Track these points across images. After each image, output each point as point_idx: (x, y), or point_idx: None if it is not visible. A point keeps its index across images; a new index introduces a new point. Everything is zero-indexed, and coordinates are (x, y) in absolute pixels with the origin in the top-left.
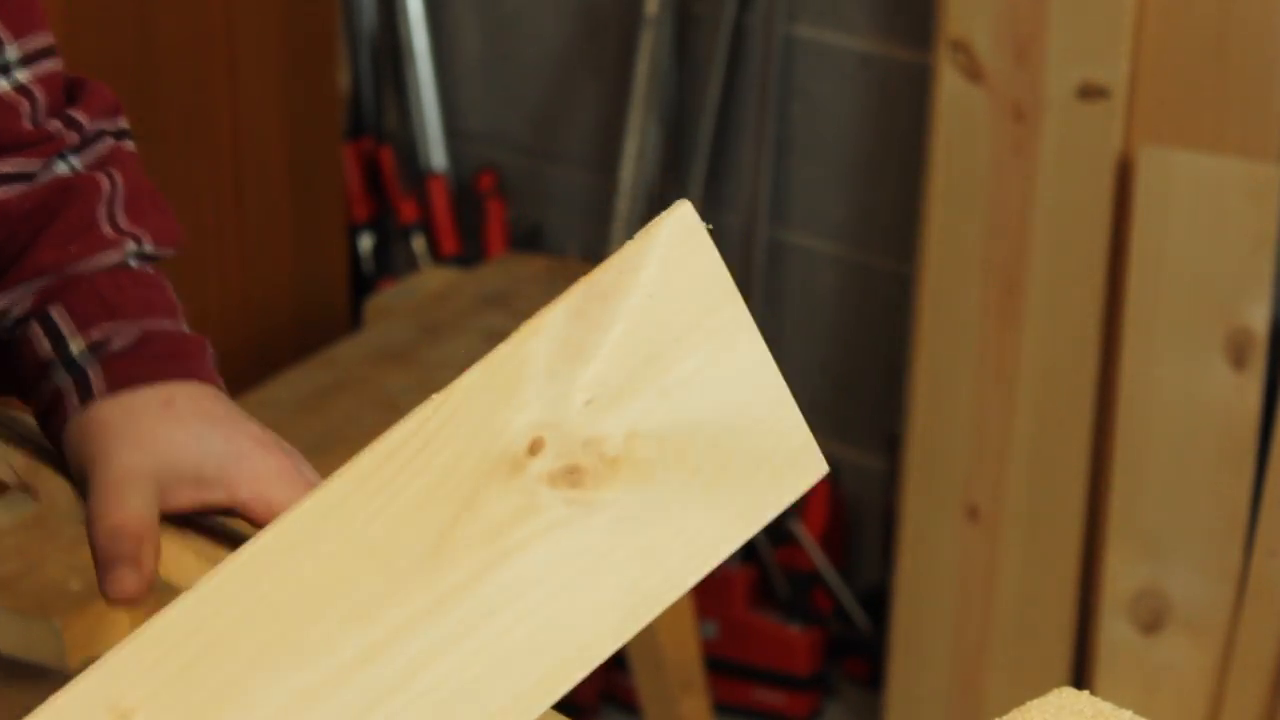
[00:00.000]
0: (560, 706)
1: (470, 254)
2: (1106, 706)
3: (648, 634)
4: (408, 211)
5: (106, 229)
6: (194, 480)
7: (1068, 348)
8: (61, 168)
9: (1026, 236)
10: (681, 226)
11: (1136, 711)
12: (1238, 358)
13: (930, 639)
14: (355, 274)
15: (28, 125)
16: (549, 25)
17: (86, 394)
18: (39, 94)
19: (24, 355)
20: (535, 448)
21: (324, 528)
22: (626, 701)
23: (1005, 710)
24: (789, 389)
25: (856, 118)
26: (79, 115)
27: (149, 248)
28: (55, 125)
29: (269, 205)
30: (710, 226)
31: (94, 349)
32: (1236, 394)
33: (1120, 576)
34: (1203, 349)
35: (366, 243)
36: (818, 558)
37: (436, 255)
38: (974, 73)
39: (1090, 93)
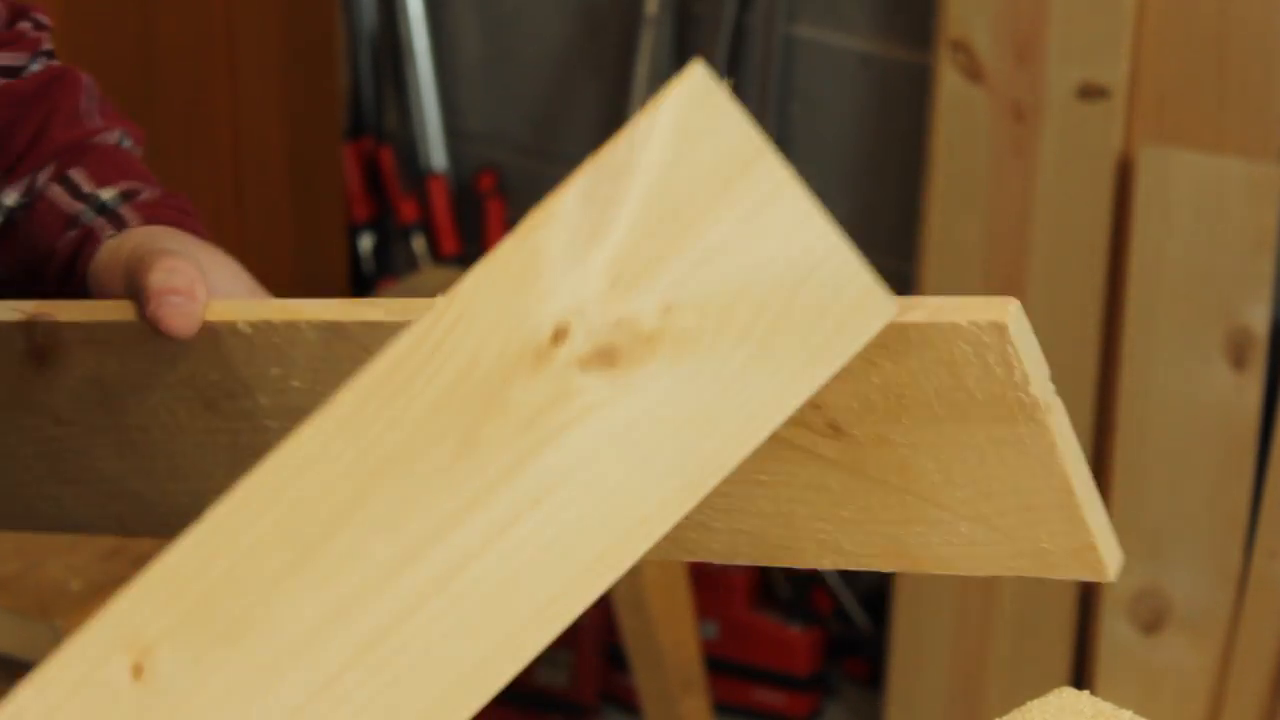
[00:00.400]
0: (559, 705)
1: (470, 254)
2: (1106, 706)
3: (648, 634)
4: (408, 211)
5: (98, 119)
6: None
7: (1068, 348)
8: (47, 61)
9: (1026, 236)
10: (694, 90)
11: (1136, 711)
12: (1238, 358)
13: (930, 639)
14: (355, 274)
15: (1, 30)
16: (549, 25)
17: (121, 226)
18: None
19: (44, 216)
20: (560, 335)
21: (335, 443)
22: (626, 701)
23: (1005, 710)
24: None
25: (856, 118)
26: (41, 19)
27: (129, 143)
28: (25, 26)
29: (269, 205)
30: (731, 82)
31: (124, 195)
32: (1236, 394)
33: (1120, 576)
34: (1203, 349)
35: (366, 243)
36: None
37: (436, 255)
38: (974, 73)
39: (1090, 93)
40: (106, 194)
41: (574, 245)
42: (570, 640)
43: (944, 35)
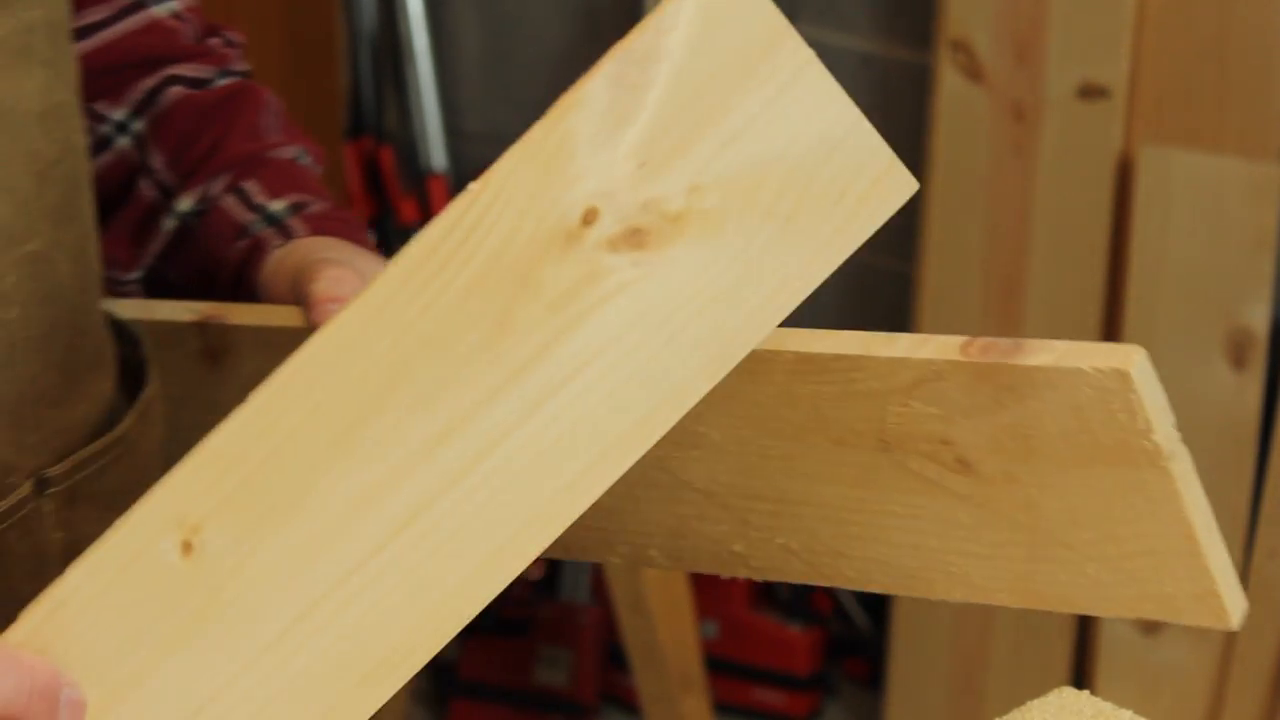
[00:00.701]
0: (559, 705)
1: None
2: (1106, 706)
3: (648, 634)
4: (408, 211)
5: (278, 135)
6: None
7: None
8: (234, 77)
9: (1026, 236)
10: None
11: (1136, 711)
12: (1238, 358)
13: (930, 639)
14: None
15: (191, 43)
16: (549, 25)
17: (288, 236)
18: (192, 19)
19: (217, 225)
20: (589, 218)
21: (373, 327)
22: (626, 701)
23: (1005, 710)
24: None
25: None
26: (233, 37)
27: (308, 159)
28: (216, 42)
29: None
30: None
31: (293, 208)
32: (1236, 394)
33: None
34: (1203, 349)
35: None
36: None
37: None
38: (974, 73)
39: (1090, 93)
40: (276, 206)
41: (602, 130)
42: (570, 640)
43: (944, 35)
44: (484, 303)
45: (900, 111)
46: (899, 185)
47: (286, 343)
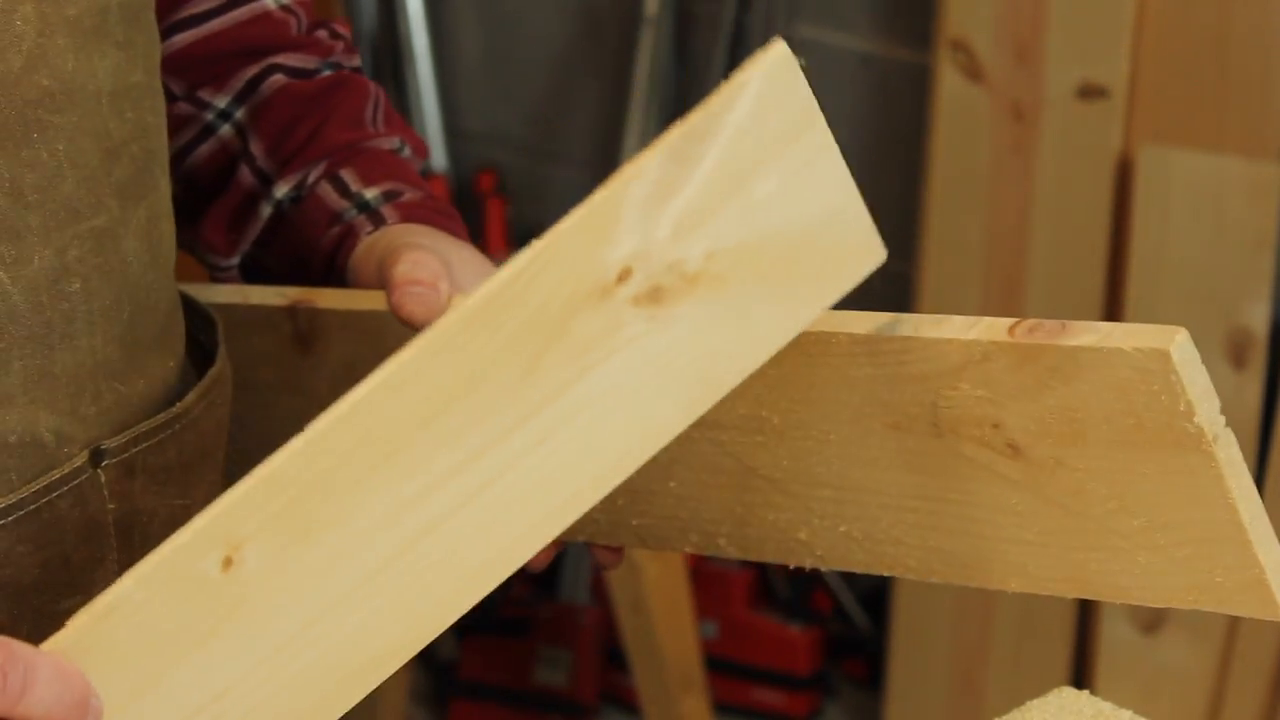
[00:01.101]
0: (559, 705)
1: None
2: (1106, 706)
3: (648, 634)
4: None
5: (379, 126)
6: None
7: None
8: (339, 69)
9: (1026, 236)
10: (776, 64)
11: (1136, 711)
12: (1238, 358)
13: (930, 639)
14: None
15: (298, 35)
16: (549, 25)
17: (379, 223)
18: (300, 13)
19: (312, 212)
20: (624, 276)
21: (431, 367)
22: (626, 701)
23: (1005, 710)
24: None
25: (856, 118)
26: (340, 30)
27: (407, 151)
28: (322, 34)
29: None
30: (804, 63)
31: (386, 195)
32: (1236, 394)
33: None
34: (1203, 349)
35: None
36: None
37: None
38: (974, 73)
39: (1090, 93)
40: (370, 193)
41: (653, 199)
42: (570, 640)
43: (944, 35)
44: (520, 348)
45: (900, 111)
46: (873, 254)
47: (372, 327)
